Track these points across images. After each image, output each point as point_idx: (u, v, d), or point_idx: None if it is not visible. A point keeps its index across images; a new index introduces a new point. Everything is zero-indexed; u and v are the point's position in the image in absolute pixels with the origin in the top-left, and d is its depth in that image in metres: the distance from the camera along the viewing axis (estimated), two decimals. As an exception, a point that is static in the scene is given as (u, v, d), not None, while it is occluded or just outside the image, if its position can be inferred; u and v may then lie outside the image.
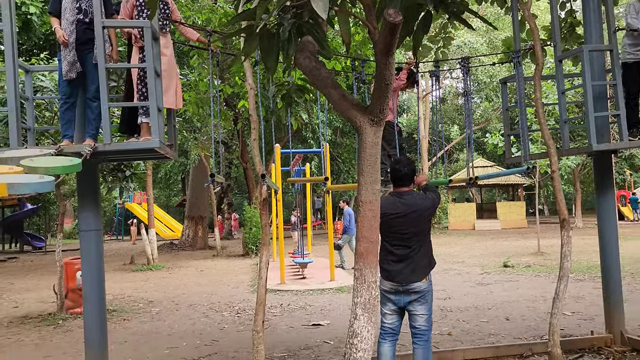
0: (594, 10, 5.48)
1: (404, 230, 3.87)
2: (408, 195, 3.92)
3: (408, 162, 4.04)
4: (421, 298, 3.91)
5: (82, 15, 4.09)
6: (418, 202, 3.92)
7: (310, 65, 3.17)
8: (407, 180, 3.95)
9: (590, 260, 11.78)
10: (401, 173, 3.93)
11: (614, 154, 5.86)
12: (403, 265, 3.87)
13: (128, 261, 15.54)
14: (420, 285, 3.88)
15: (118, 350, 5.96)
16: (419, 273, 3.89)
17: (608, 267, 5.46)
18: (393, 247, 3.92)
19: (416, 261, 3.89)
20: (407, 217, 3.86)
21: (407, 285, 3.86)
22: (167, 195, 39.67)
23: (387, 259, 3.93)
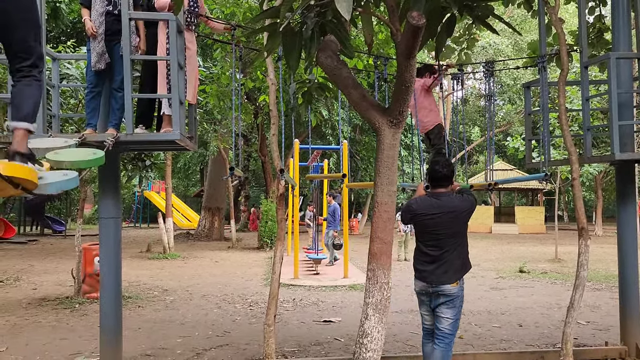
0: (624, 16, 5.38)
1: (439, 231, 3.85)
2: (445, 197, 3.90)
3: (447, 163, 4.03)
4: (449, 302, 3.87)
5: (112, 7, 4.15)
6: (455, 204, 3.89)
7: (332, 64, 3.19)
8: (445, 181, 3.95)
9: (609, 269, 11.60)
10: (440, 174, 3.92)
11: (637, 163, 5.75)
12: (435, 266, 3.86)
13: (145, 249, 15.75)
14: (450, 289, 3.84)
15: (132, 336, 6.06)
16: (450, 275, 3.86)
17: (626, 277, 5.38)
18: (427, 247, 3.90)
19: (449, 262, 3.86)
20: (443, 218, 3.84)
21: (437, 287, 3.84)
22: (185, 185, 40.03)
23: (420, 259, 3.95)
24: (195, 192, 35.59)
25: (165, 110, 4.42)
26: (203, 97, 9.81)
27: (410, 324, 6.77)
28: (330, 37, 3.24)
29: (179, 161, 31.34)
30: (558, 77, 5.13)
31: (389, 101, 3.28)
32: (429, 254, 3.88)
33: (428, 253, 3.88)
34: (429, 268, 3.87)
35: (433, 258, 3.86)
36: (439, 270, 3.84)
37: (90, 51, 4.17)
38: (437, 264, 3.85)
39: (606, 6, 6.24)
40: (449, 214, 3.84)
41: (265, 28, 3.12)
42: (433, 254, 3.87)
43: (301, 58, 3.29)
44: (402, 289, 9.38)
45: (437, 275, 3.84)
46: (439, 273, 3.84)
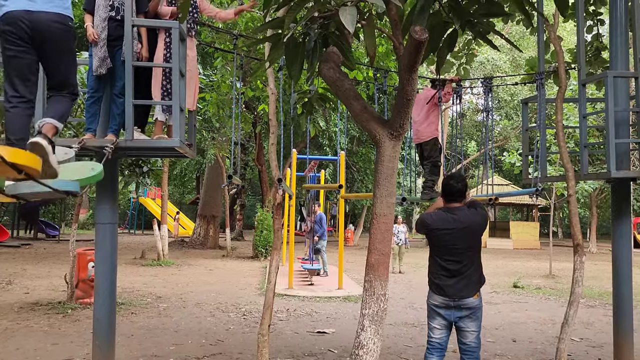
0: (621, 36, 5.44)
1: (456, 246, 3.87)
2: (459, 211, 3.91)
3: (462, 178, 4.05)
4: (472, 314, 3.88)
5: (114, 12, 4.17)
6: (470, 218, 3.91)
7: (334, 76, 3.21)
8: (459, 195, 3.95)
9: (603, 286, 11.62)
10: (455, 188, 3.93)
11: (633, 182, 5.79)
12: (455, 280, 3.86)
13: (139, 255, 15.68)
14: (472, 301, 3.86)
15: (124, 343, 6.02)
16: (471, 288, 3.87)
17: (620, 295, 5.39)
18: (445, 262, 3.90)
19: (468, 276, 3.88)
20: (459, 233, 3.85)
21: (459, 301, 3.84)
22: (181, 193, 39.95)
23: (438, 274, 3.92)
24: (191, 199, 35.52)
25: (158, 116, 4.41)
26: (202, 105, 9.85)
27: (404, 337, 6.76)
28: (333, 49, 3.27)
29: (175, 168, 31.31)
30: (556, 94, 5.18)
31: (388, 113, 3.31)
32: (448, 268, 3.88)
33: (447, 267, 3.88)
34: (449, 282, 3.86)
35: (452, 272, 3.87)
36: (459, 284, 3.85)
37: (92, 56, 4.18)
38: (457, 278, 3.86)
39: (604, 25, 6.32)
40: (466, 228, 3.86)
41: (269, 38, 3.15)
42: (452, 268, 3.87)
43: (303, 69, 3.32)
44: (396, 301, 9.36)
45: (458, 289, 3.84)
46: (460, 287, 3.85)
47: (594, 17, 6.46)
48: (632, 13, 5.24)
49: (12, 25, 2.75)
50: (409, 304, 9.24)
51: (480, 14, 2.82)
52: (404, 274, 13.72)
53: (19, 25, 2.74)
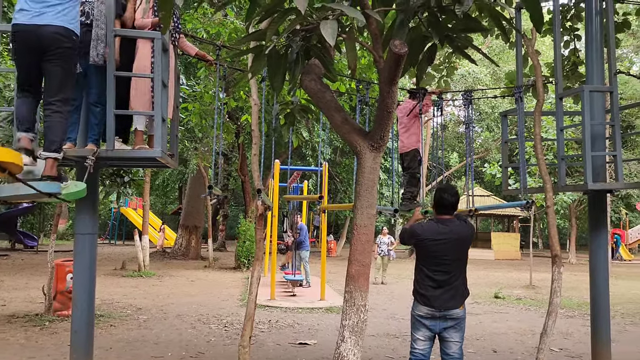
0: (597, 51, 5.58)
1: (446, 257, 3.91)
2: (450, 223, 3.97)
3: (455, 191, 4.10)
4: (457, 325, 3.92)
5: (84, 17, 4.12)
6: (460, 230, 3.98)
7: (315, 87, 3.24)
8: (451, 208, 4.01)
9: (581, 297, 11.77)
10: (448, 201, 3.99)
11: (609, 193, 5.91)
12: (442, 291, 3.89)
13: (119, 266, 15.46)
14: (458, 312, 3.91)
15: (102, 356, 5.92)
16: (457, 300, 3.92)
17: (597, 305, 5.47)
18: (433, 272, 3.92)
19: (455, 287, 3.92)
20: (450, 244, 3.91)
21: (445, 312, 3.88)
22: (163, 203, 39.55)
23: (425, 284, 3.94)
24: (173, 209, 35.19)
25: (138, 126, 4.37)
26: (185, 115, 9.81)
27: (386, 348, 6.76)
28: (315, 61, 3.30)
29: (157, 178, 31.04)
30: (534, 107, 5.28)
31: (371, 125, 3.34)
32: (435, 278, 3.91)
33: (434, 278, 3.91)
34: (436, 293, 3.89)
35: (440, 283, 3.90)
36: (446, 295, 3.89)
37: None
38: (444, 288, 3.89)
39: (580, 40, 6.48)
40: (456, 240, 3.92)
41: (251, 50, 3.17)
42: (439, 278, 3.90)
43: (285, 80, 3.34)
44: (379, 312, 9.37)
45: (445, 300, 3.88)
46: (447, 298, 3.88)
47: (570, 32, 6.63)
48: (607, 29, 5.38)
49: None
50: (391, 314, 9.25)
51: (459, 29, 2.87)
52: (386, 284, 13.73)
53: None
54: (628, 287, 14.69)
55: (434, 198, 4.09)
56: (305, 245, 12.26)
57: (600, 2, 5.55)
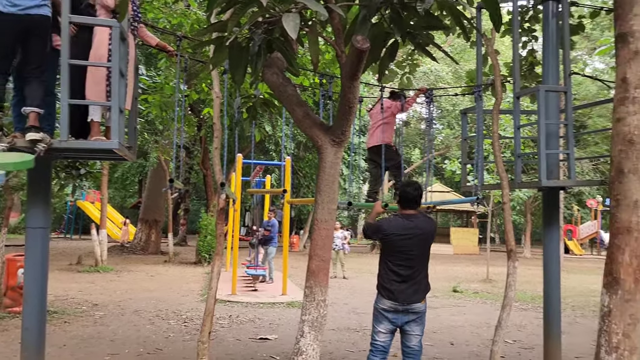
0: (553, 53, 5.75)
1: (411, 252, 3.97)
2: (415, 218, 4.04)
3: (418, 185, 4.17)
4: (418, 319, 4.03)
5: None
6: (425, 225, 4.05)
7: (277, 81, 3.22)
8: (415, 203, 4.07)
9: (535, 290, 12.16)
10: (411, 195, 4.05)
11: (562, 190, 6.11)
12: (407, 285, 3.96)
13: (75, 261, 15.03)
14: (420, 306, 4.00)
15: (55, 354, 5.75)
16: (420, 294, 4.01)
17: (549, 298, 5.66)
18: (397, 267, 3.98)
19: (418, 282, 4.01)
20: (415, 239, 3.97)
21: (408, 305, 3.96)
22: (122, 196, 38.62)
23: (390, 279, 4.00)
24: (132, 203, 34.42)
25: (93, 117, 4.24)
26: (145, 107, 9.59)
27: (346, 342, 6.81)
28: (277, 55, 3.27)
29: (116, 171, 30.27)
30: (493, 106, 5.40)
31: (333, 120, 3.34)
32: (400, 273, 3.97)
33: (399, 272, 3.97)
34: (400, 287, 3.96)
35: (404, 277, 3.97)
36: (409, 289, 3.96)
37: None
38: (408, 283, 3.97)
39: (538, 42, 6.66)
40: (421, 235, 4.00)
41: (212, 41, 3.12)
42: (404, 273, 3.97)
43: (247, 73, 3.30)
44: (339, 307, 9.43)
45: (408, 294, 3.95)
46: (410, 292, 3.96)
47: (528, 33, 6.79)
48: (563, 31, 5.55)
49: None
50: (352, 309, 9.33)
51: (420, 26, 2.90)
52: (347, 279, 13.81)
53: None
54: (579, 280, 15.28)
55: (398, 193, 4.15)
56: (273, 242, 12.21)
57: (557, 5, 5.71)
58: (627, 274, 2.73)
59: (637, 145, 2.78)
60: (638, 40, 2.82)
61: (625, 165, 2.78)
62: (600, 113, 24.71)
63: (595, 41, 26.71)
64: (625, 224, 2.76)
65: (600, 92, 26.97)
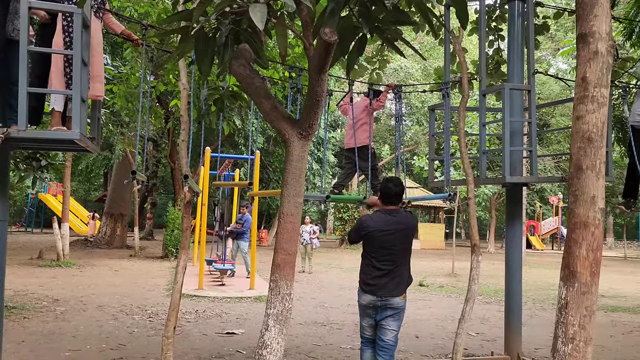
0: (517, 52, 5.87)
1: (393, 247, 4.02)
2: (397, 213, 4.10)
3: (399, 181, 4.23)
4: (396, 314, 4.09)
5: None
6: (407, 220, 4.12)
7: (244, 73, 3.18)
8: (396, 199, 4.14)
9: (498, 284, 12.44)
10: (393, 191, 4.11)
11: (525, 187, 6.26)
12: (387, 280, 4.02)
13: (36, 255, 14.61)
14: (398, 301, 4.06)
15: (14, 350, 5.58)
16: (401, 288, 4.08)
17: (511, 291, 5.81)
18: (379, 262, 4.04)
19: (400, 276, 4.07)
20: (398, 234, 4.03)
21: (386, 300, 4.01)
22: (86, 189, 37.74)
23: (371, 274, 4.05)
24: (97, 196, 33.67)
25: (55, 106, 4.12)
26: (110, 98, 9.36)
27: (313, 336, 6.83)
28: (245, 46, 3.23)
29: (80, 163, 29.52)
30: (460, 103, 5.48)
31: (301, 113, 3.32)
32: (381, 268, 4.03)
33: (380, 268, 4.03)
34: (381, 282, 4.02)
35: (385, 272, 4.03)
36: (390, 284, 4.02)
37: None
38: (389, 277, 4.03)
39: (504, 40, 6.79)
40: (403, 230, 4.06)
41: (178, 30, 3.05)
42: (386, 268, 4.03)
43: (214, 64, 3.25)
44: (307, 301, 9.45)
45: (389, 289, 4.01)
46: (391, 287, 4.02)
47: (495, 32, 6.92)
48: (527, 31, 5.67)
49: None
50: (320, 303, 9.36)
51: (389, 21, 2.90)
52: (312, 274, 13.79)
53: None
54: (540, 274, 15.71)
55: (380, 189, 4.21)
56: (245, 237, 12.12)
57: (523, 5, 5.83)
58: (583, 267, 2.81)
59: (595, 143, 2.86)
60: (597, 40, 2.90)
61: (584, 162, 2.86)
62: (563, 112, 25.43)
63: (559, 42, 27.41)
64: (582, 219, 2.84)
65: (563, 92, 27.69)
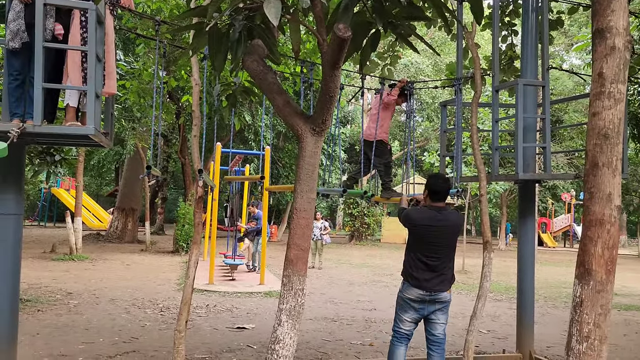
0: (531, 47, 5.82)
1: (439, 243, 4.09)
2: (445, 211, 4.15)
3: (447, 178, 4.31)
4: (444, 308, 4.19)
5: None
6: (454, 218, 4.19)
7: (257, 69, 3.18)
8: (444, 196, 4.19)
9: (509, 281, 12.39)
10: (442, 188, 4.17)
11: (538, 184, 6.21)
12: (434, 275, 4.08)
13: (49, 249, 14.78)
14: (446, 296, 4.15)
15: (29, 342, 5.66)
16: (446, 284, 4.15)
17: (523, 289, 5.78)
18: (426, 258, 4.09)
19: (445, 272, 4.14)
20: (444, 231, 4.10)
21: (435, 295, 4.09)
22: (98, 184, 38.05)
23: (418, 268, 4.11)
24: (109, 191, 33.93)
25: (69, 102, 4.15)
26: (122, 93, 9.42)
27: (323, 332, 6.85)
28: (258, 42, 3.23)
29: (92, 158, 29.79)
30: (472, 99, 5.44)
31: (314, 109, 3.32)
32: (428, 263, 4.09)
33: (427, 263, 4.09)
34: (428, 276, 4.08)
35: (432, 268, 4.09)
36: (437, 279, 4.09)
37: (6, 27, 3.82)
38: (435, 273, 4.09)
39: (517, 36, 6.72)
40: (451, 227, 4.14)
41: (192, 26, 3.06)
42: (432, 263, 4.09)
43: (227, 60, 3.25)
44: (317, 297, 9.47)
45: (435, 284, 4.08)
46: (437, 282, 4.09)
47: (508, 27, 6.85)
48: (542, 26, 5.61)
49: None
50: (330, 299, 9.38)
51: (402, 17, 2.89)
52: (321, 270, 13.79)
53: None
54: (551, 272, 15.62)
55: (427, 186, 4.24)
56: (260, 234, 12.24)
57: (537, 0, 5.77)
58: (599, 265, 2.79)
59: (612, 139, 2.83)
60: (615, 35, 2.86)
61: (600, 158, 2.84)
62: (576, 108, 25.17)
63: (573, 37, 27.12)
64: (598, 216, 2.82)
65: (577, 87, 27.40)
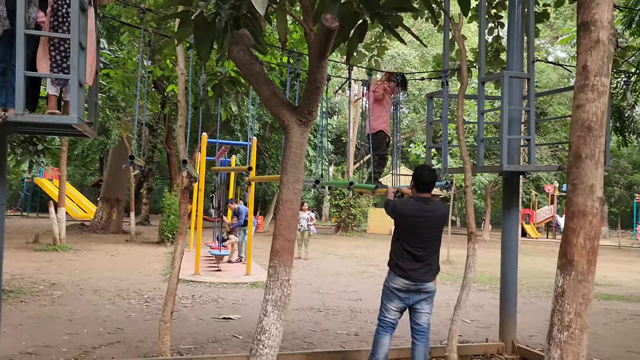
0: (517, 40, 5.84)
1: (426, 233, 4.14)
2: (431, 201, 4.21)
3: (433, 170, 4.32)
4: (429, 298, 4.25)
5: None
6: (440, 209, 4.23)
7: (244, 58, 3.16)
8: (430, 186, 4.22)
9: (493, 272, 12.54)
10: (428, 179, 4.20)
11: (522, 175, 6.27)
12: (420, 265, 4.14)
13: (32, 239, 14.61)
14: (431, 286, 4.21)
15: (12, 333, 5.60)
16: (432, 274, 4.21)
17: (506, 279, 5.85)
18: (413, 248, 4.14)
19: (431, 263, 4.19)
20: (431, 222, 4.15)
21: (420, 285, 4.14)
22: (82, 174, 37.60)
23: (404, 258, 4.16)
24: (93, 181, 33.60)
25: (50, 90, 4.09)
26: (107, 82, 9.29)
27: (309, 322, 6.88)
28: (244, 31, 3.20)
29: (76, 148, 29.39)
30: (458, 91, 5.46)
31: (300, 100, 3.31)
32: (414, 253, 4.14)
33: (413, 253, 4.15)
34: (414, 266, 4.13)
35: (418, 258, 4.14)
36: (422, 269, 4.15)
37: None
38: (421, 263, 4.15)
39: (504, 28, 6.75)
40: (437, 218, 4.18)
41: (177, 15, 3.03)
42: (418, 253, 4.14)
43: (213, 49, 3.23)
44: (303, 287, 9.50)
45: (421, 274, 4.14)
46: (423, 272, 4.15)
47: (495, 19, 6.88)
48: (528, 19, 5.64)
49: None
50: (316, 289, 9.41)
51: (390, 7, 2.89)
52: (307, 260, 13.82)
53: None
54: (534, 262, 15.83)
55: (413, 177, 4.28)
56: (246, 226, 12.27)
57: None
58: (580, 255, 2.84)
59: (595, 132, 2.87)
60: (599, 29, 2.89)
61: (583, 150, 2.87)
62: (561, 101, 25.42)
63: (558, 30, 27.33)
64: (580, 208, 2.86)
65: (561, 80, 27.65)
